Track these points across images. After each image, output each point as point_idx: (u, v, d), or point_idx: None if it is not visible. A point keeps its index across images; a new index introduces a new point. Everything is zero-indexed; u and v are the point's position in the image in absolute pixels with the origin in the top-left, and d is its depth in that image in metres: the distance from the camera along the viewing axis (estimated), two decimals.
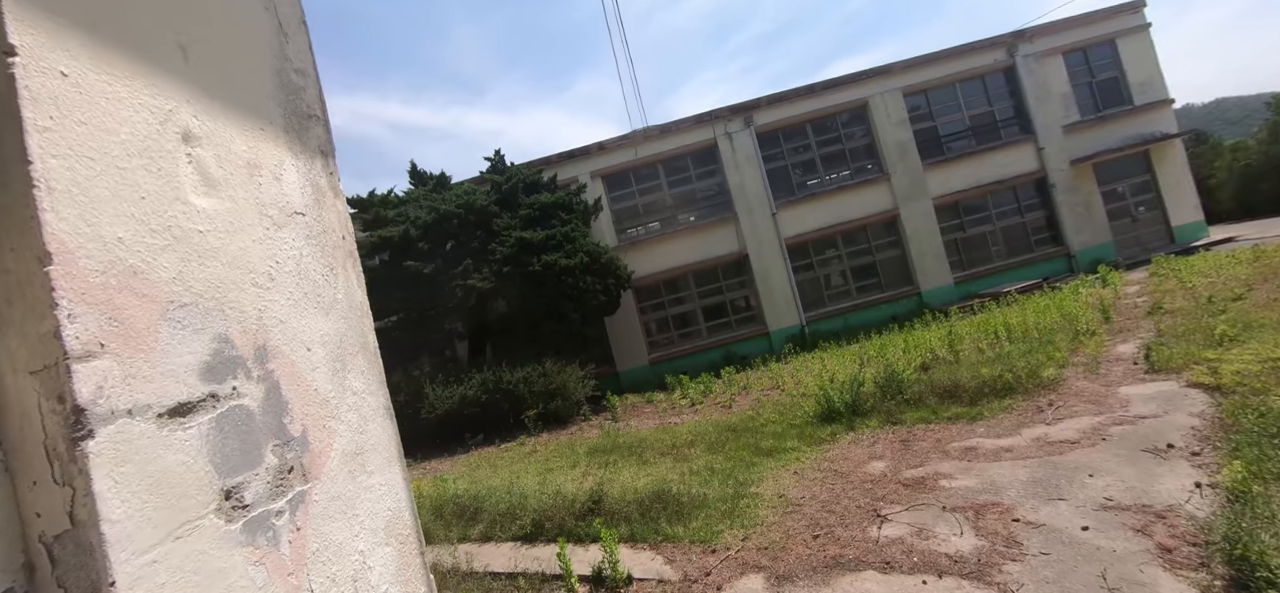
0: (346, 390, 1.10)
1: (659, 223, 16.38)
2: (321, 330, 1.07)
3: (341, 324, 1.13)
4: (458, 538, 5.84)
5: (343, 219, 1.26)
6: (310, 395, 1.02)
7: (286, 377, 0.97)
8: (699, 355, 15.53)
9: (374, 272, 12.65)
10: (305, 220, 1.11)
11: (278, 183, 1.05)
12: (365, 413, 1.15)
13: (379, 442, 1.18)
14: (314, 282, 1.08)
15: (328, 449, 1.02)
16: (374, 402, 1.19)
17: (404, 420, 11.12)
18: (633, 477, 6.77)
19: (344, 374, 1.11)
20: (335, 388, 1.07)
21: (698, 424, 9.09)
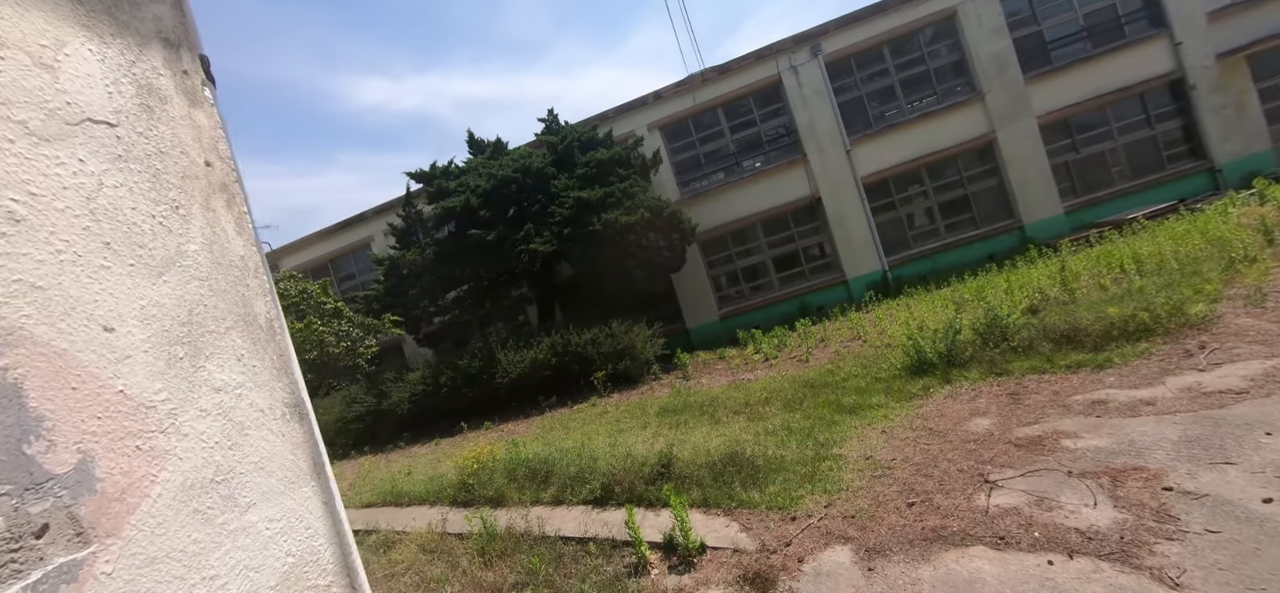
0: (199, 388, 0.77)
1: (722, 172, 15.58)
2: (146, 300, 0.73)
3: (193, 290, 0.79)
4: (530, 501, 5.86)
5: (207, 138, 0.88)
6: (104, 403, 0.66)
7: (42, 376, 0.61)
8: (772, 308, 14.85)
9: (442, 243, 12.98)
10: (115, 135, 0.75)
11: (47, 73, 0.69)
12: (240, 418, 0.81)
13: (268, 458, 0.84)
14: (130, 227, 0.74)
15: (142, 484, 0.68)
16: (259, 399, 0.86)
17: (480, 386, 11.50)
18: (704, 438, 6.50)
19: (195, 364, 0.77)
20: (173, 386, 0.74)
21: (772, 380, 8.63)
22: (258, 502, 0.81)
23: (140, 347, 0.72)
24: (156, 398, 0.72)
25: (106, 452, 0.66)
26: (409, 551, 5.56)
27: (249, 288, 0.89)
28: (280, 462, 0.86)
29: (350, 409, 12.43)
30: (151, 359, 0.73)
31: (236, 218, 0.90)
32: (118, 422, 0.68)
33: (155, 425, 0.71)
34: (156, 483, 0.70)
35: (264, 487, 0.82)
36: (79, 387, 0.64)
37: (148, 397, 0.72)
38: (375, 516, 6.93)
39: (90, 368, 0.66)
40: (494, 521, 5.30)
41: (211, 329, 0.81)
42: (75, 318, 0.65)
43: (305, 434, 0.93)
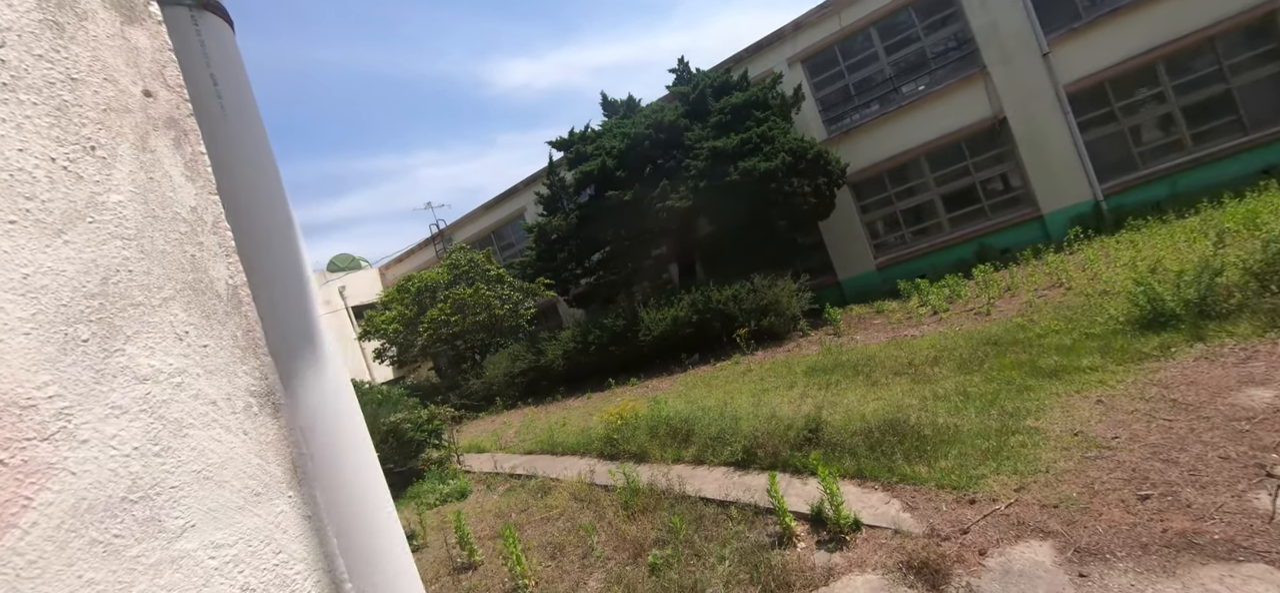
0: (111, 378, 0.59)
1: (877, 103, 13.73)
2: (32, 267, 0.57)
3: (111, 251, 0.62)
4: (671, 459, 5.86)
5: (148, 63, 0.70)
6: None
7: None
8: (941, 254, 12.96)
9: (583, 207, 13.46)
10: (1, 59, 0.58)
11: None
12: (176, 415, 0.63)
13: (219, 464, 0.65)
14: (13, 174, 0.58)
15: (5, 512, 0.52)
16: (209, 388, 0.66)
17: (625, 344, 11.87)
18: (859, 400, 5.89)
19: (108, 347, 0.60)
20: (69, 377, 0.57)
21: (943, 336, 7.52)
22: (199, 523, 0.62)
23: (17, 328, 0.55)
24: (39, 394, 0.55)
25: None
26: (562, 497, 5.93)
27: (203, 247, 0.70)
28: (239, 468, 0.67)
29: (515, 365, 13.74)
30: (35, 344, 0.56)
31: (187, 160, 0.71)
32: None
33: (34, 431, 0.54)
34: (30, 508, 0.53)
35: (210, 502, 0.64)
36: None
37: (24, 393, 0.54)
38: (534, 462, 7.55)
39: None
40: (636, 476, 5.39)
41: (138, 301, 0.64)
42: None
43: (279, 431, 0.73)
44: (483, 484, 7.44)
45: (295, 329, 0.81)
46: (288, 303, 0.82)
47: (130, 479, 0.59)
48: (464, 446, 9.49)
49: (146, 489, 0.59)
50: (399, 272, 22.86)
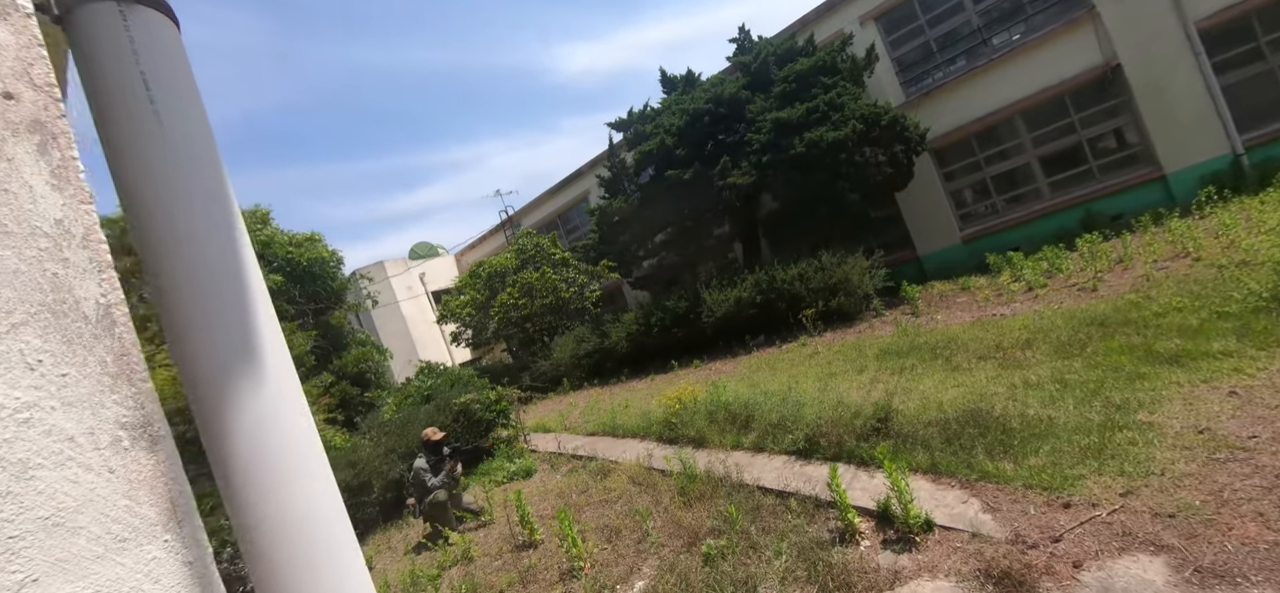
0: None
1: (963, 58, 12.47)
2: None
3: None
4: (730, 445, 5.70)
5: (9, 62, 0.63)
6: None
7: None
8: (1038, 223, 11.67)
9: (644, 188, 13.32)
10: None
11: None
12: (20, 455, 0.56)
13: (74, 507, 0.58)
14: None
15: None
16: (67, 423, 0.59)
17: (687, 326, 11.71)
18: (936, 387, 5.43)
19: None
20: None
21: (1038, 316, 6.79)
22: (42, 576, 0.55)
23: None
24: None
25: None
26: (621, 480, 5.94)
27: (67, 265, 0.63)
28: (99, 512, 0.60)
29: (580, 347, 13.98)
30: None
31: (54, 168, 0.64)
32: None
33: None
34: None
35: (58, 552, 0.56)
36: None
37: None
38: (595, 444, 7.63)
39: None
40: (693, 462, 5.28)
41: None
42: None
43: (156, 466, 0.65)
44: (547, 464, 7.63)
45: (232, 343, 0.76)
46: (224, 314, 0.77)
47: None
48: (531, 425, 9.79)
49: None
50: (472, 257, 23.90)
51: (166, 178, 0.76)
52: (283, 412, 0.79)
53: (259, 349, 0.78)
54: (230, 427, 0.74)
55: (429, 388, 11.31)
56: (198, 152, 0.79)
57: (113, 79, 0.73)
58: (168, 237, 0.74)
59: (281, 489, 0.75)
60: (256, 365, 0.77)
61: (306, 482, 0.79)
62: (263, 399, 0.77)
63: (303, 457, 0.79)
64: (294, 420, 0.80)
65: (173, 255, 0.74)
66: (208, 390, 0.72)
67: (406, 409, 10.09)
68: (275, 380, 0.79)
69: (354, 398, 13.83)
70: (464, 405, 8.86)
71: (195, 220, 0.77)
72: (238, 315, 0.77)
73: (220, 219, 0.79)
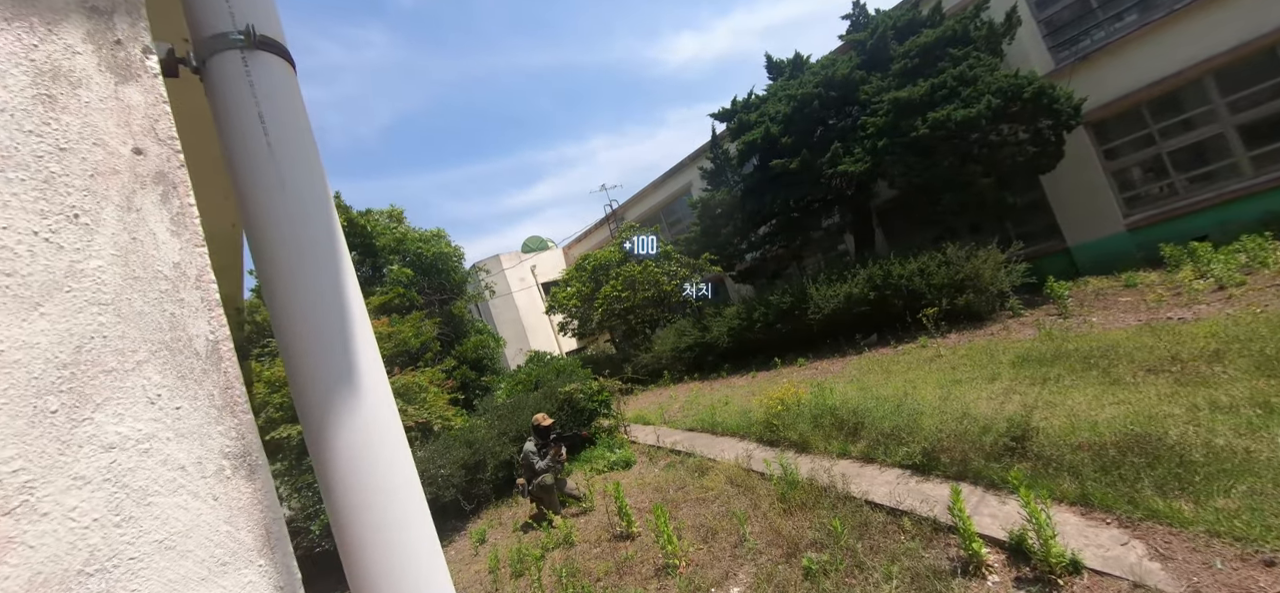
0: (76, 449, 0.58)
1: (1135, 11, 10.52)
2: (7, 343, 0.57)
3: (86, 319, 0.61)
4: (836, 452, 5.38)
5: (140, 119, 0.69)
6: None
7: None
8: (1235, 206, 9.57)
9: (747, 178, 12.92)
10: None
11: None
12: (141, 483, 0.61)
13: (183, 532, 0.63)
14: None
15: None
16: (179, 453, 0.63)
17: (792, 321, 11.23)
18: (1089, 404, 4.69)
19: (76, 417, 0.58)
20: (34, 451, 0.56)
21: (1233, 321, 5.61)
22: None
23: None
24: (4, 469, 0.55)
25: None
26: (718, 480, 5.84)
27: (183, 305, 0.68)
28: (204, 536, 0.64)
29: (681, 340, 13.97)
30: (3, 419, 0.56)
31: (174, 215, 0.70)
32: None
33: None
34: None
35: (170, 574, 0.61)
36: None
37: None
38: (694, 440, 7.59)
39: None
40: (795, 467, 5.05)
41: (111, 367, 0.62)
42: None
43: (254, 495, 0.69)
44: (645, 456, 7.73)
45: (334, 368, 0.82)
46: (327, 340, 0.83)
47: (88, 552, 0.57)
48: (631, 417, 9.98)
49: (104, 562, 0.58)
50: (579, 250, 24.87)
51: (279, 210, 0.83)
52: (380, 430, 0.84)
53: (360, 373, 0.84)
54: (333, 444, 0.80)
55: (537, 376, 11.97)
56: (305, 182, 0.86)
57: (236, 120, 0.82)
58: (284, 267, 0.82)
59: (377, 500, 0.80)
60: (357, 388, 0.82)
61: (400, 493, 0.84)
62: (362, 418, 0.82)
63: (396, 470, 0.84)
64: (390, 437, 0.85)
65: (288, 285, 0.82)
66: (316, 412, 0.79)
67: (517, 395, 10.76)
68: (373, 403, 0.84)
69: (472, 382, 15.03)
70: (568, 394, 9.25)
71: (304, 250, 0.84)
72: (342, 342, 0.84)
73: (327, 247, 0.86)
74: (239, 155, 0.83)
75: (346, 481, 0.79)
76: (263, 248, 0.82)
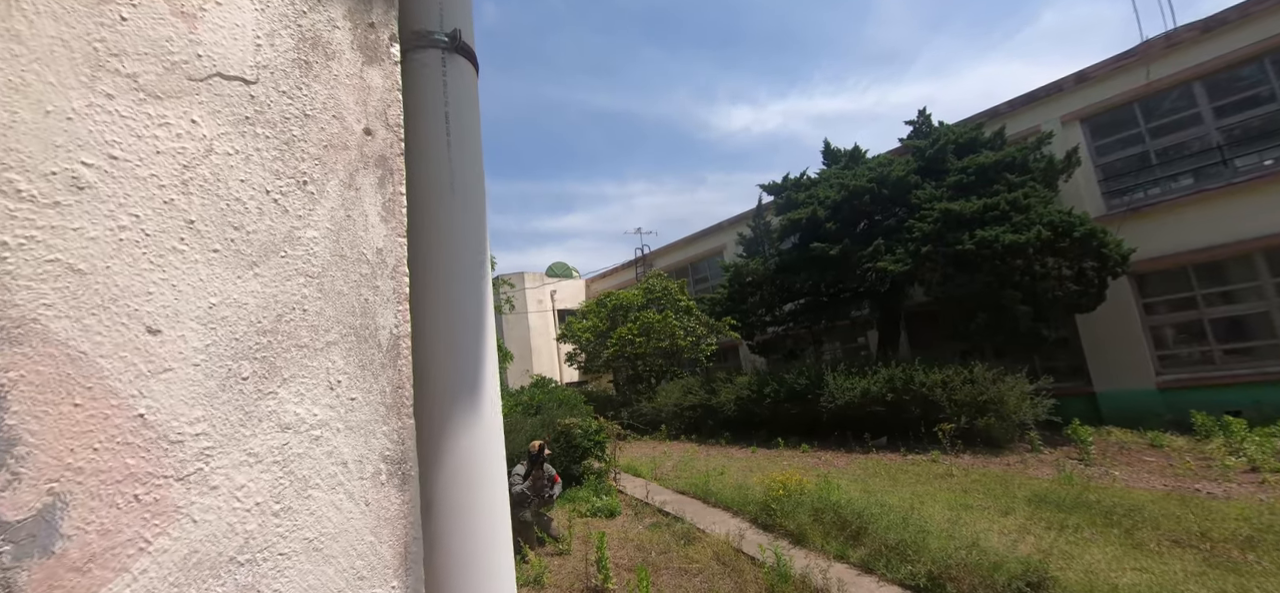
0: (257, 422, 0.55)
1: (1191, 176, 10.51)
2: (220, 297, 0.55)
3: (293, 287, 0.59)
4: (834, 553, 5.15)
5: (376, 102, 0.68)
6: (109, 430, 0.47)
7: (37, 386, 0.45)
8: (1269, 388, 9.25)
9: (785, 254, 12.96)
10: (248, 93, 0.59)
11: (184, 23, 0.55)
12: (304, 472, 0.57)
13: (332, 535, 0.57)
14: (230, 203, 0.56)
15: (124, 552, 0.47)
16: (345, 447, 0.60)
17: (803, 405, 11.01)
18: (1108, 564, 4.44)
19: (263, 388, 0.56)
20: (219, 416, 0.53)
21: (1267, 508, 5.33)
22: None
23: (190, 358, 0.53)
24: (188, 431, 0.52)
25: (88, 498, 0.46)
26: (705, 553, 5.62)
27: (377, 292, 0.66)
28: (350, 543, 0.60)
29: (686, 398, 13.77)
30: (200, 376, 0.53)
31: (386, 201, 0.69)
32: (119, 458, 0.48)
33: (173, 469, 0.50)
34: (147, 553, 0.48)
35: (312, 579, 0.56)
36: (83, 404, 0.47)
37: (176, 428, 0.51)
38: (684, 504, 7.36)
39: (109, 380, 0.48)
40: (789, 560, 4.83)
41: (303, 342, 0.60)
42: (112, 313, 0.49)
43: (402, 506, 0.64)
44: (631, 510, 7.50)
45: (465, 376, 0.80)
46: (464, 347, 0.81)
47: (244, 538, 0.53)
48: (623, 464, 9.76)
49: (256, 552, 0.54)
50: (601, 286, 24.99)
51: (447, 209, 0.84)
52: (491, 444, 0.82)
53: (485, 384, 0.82)
54: (451, 451, 0.77)
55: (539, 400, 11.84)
56: (472, 188, 0.87)
57: (425, 116, 0.84)
58: (439, 266, 0.81)
59: (474, 515, 0.77)
60: (480, 400, 0.80)
61: (495, 509, 0.80)
62: (479, 432, 0.80)
63: (495, 487, 0.81)
64: (497, 452, 0.83)
65: (440, 284, 0.81)
66: (437, 419, 0.76)
67: (515, 416, 10.63)
68: (491, 414, 0.82)
69: None
70: (566, 427, 9.10)
71: (460, 253, 0.84)
72: (476, 351, 0.82)
73: (478, 254, 0.86)
74: (420, 150, 0.84)
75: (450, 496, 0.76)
76: (420, 242, 0.82)
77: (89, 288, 0.49)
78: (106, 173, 0.50)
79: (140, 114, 0.53)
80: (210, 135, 0.57)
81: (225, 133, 0.58)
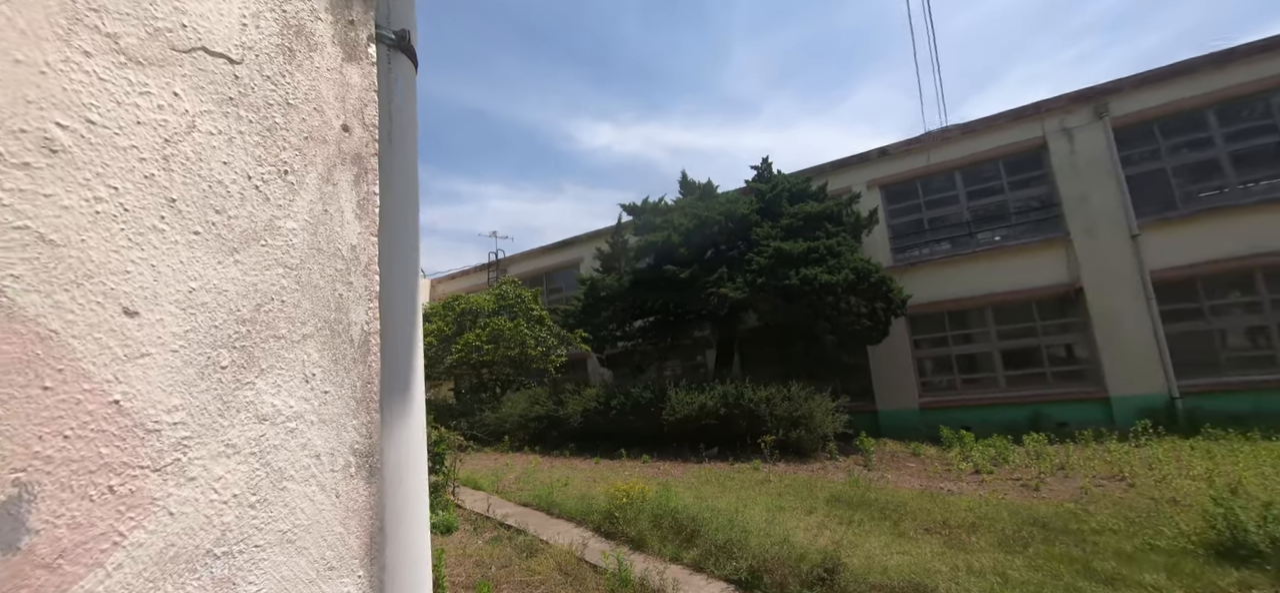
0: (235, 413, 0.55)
1: (949, 243, 13.52)
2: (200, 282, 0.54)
3: (272, 278, 0.59)
4: (670, 556, 5.52)
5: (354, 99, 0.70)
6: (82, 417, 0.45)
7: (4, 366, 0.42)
8: (991, 410, 12.23)
9: (639, 273, 13.60)
10: (233, 73, 0.59)
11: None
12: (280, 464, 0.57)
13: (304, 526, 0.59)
14: (212, 184, 0.56)
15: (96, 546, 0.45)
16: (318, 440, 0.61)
17: (646, 418, 11.59)
18: (882, 549, 5.44)
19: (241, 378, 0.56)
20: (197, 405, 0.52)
21: (985, 503, 6.95)
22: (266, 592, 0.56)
23: (169, 342, 0.51)
24: (166, 419, 0.50)
25: (58, 490, 0.44)
26: (548, 565, 5.63)
27: (351, 287, 0.68)
28: (320, 535, 0.60)
29: (532, 408, 13.61)
30: (179, 363, 0.51)
31: (361, 199, 0.70)
32: (92, 447, 0.46)
33: (149, 460, 0.49)
34: (121, 547, 0.47)
35: (285, 570, 0.57)
36: (54, 388, 0.44)
37: (153, 416, 0.50)
38: (527, 516, 7.29)
39: (82, 363, 0.46)
40: (630, 565, 5.08)
41: (281, 333, 0.60)
42: (86, 291, 0.46)
43: (368, 499, 0.66)
44: (470, 525, 7.21)
45: (401, 377, 0.79)
46: (400, 349, 0.80)
47: (221, 530, 0.53)
48: (462, 477, 9.32)
49: (232, 544, 0.53)
50: (449, 289, 23.56)
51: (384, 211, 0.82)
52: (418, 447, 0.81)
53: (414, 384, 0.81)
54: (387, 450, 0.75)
55: None
56: (409, 189, 0.85)
57: None
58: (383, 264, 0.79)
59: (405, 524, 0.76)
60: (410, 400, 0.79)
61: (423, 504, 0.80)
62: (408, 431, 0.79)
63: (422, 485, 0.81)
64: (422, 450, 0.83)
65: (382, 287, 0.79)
66: None
67: None
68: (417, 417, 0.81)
69: None
70: None
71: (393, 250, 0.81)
72: (407, 350, 0.80)
73: (410, 253, 0.84)
74: None
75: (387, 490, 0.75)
76: None
77: (62, 261, 0.45)
78: (83, 138, 0.47)
79: (120, 79, 0.50)
80: (193, 111, 0.56)
81: (208, 111, 0.57)
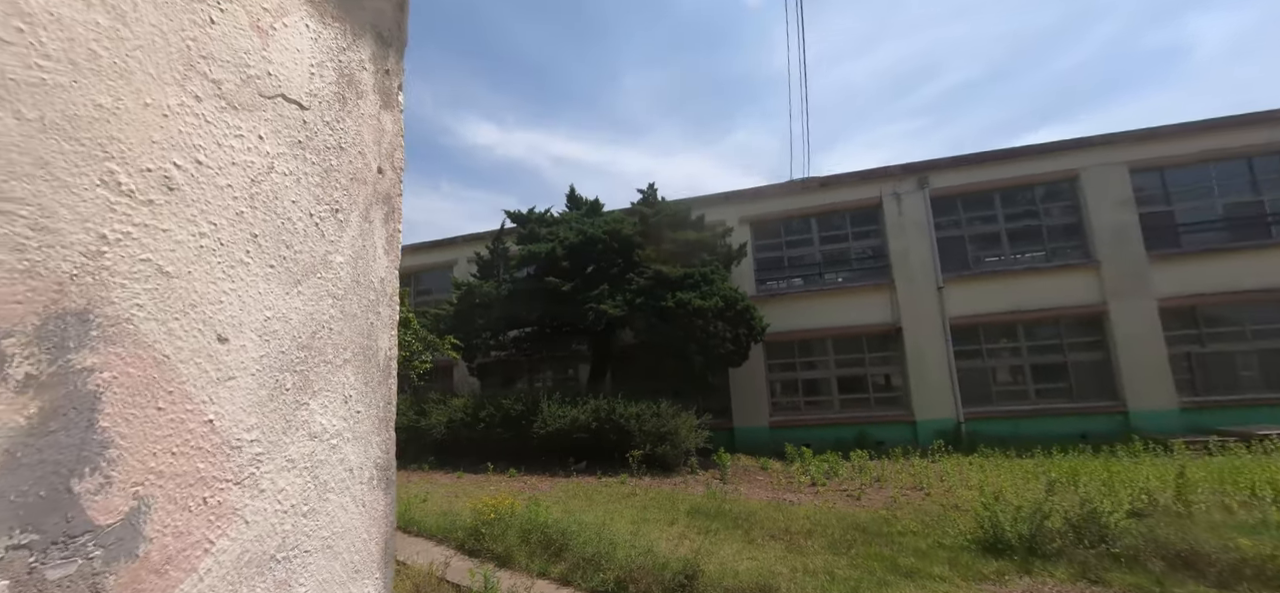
0: (294, 431, 0.60)
1: (802, 279, 15.31)
2: (273, 311, 0.59)
3: (325, 307, 0.66)
4: (537, 571, 5.54)
5: (387, 143, 0.78)
6: (185, 435, 0.50)
7: (128, 389, 0.46)
8: (827, 429, 14.00)
9: (518, 283, 13.39)
10: (302, 118, 0.65)
11: (259, 38, 0.60)
12: (325, 477, 0.64)
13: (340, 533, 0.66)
14: (284, 221, 0.62)
15: (193, 553, 0.50)
16: (352, 456, 0.68)
17: (516, 431, 11.39)
18: (735, 555, 5.98)
19: (300, 399, 0.62)
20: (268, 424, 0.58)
21: (818, 510, 7.94)
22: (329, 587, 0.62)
23: (249, 367, 0.57)
24: (246, 437, 0.56)
25: (166, 502, 0.49)
26: (405, 586, 5.33)
27: (379, 317, 0.75)
28: (351, 541, 0.67)
29: None
30: (256, 385, 0.57)
31: (388, 235, 0.77)
32: (192, 462, 0.51)
33: (232, 474, 0.54)
34: (211, 553, 0.52)
35: (324, 574, 0.63)
36: (166, 409, 0.49)
37: (237, 434, 0.55)
38: None
39: (186, 386, 0.50)
40: (496, 582, 5.01)
41: (329, 359, 0.66)
42: (191, 319, 0.51)
43: (386, 508, 0.73)
44: None
45: None
46: None
47: (281, 538, 0.58)
48: None
49: (289, 551, 0.58)
50: None
51: None
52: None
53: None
54: None
55: None
56: None
57: None
58: None
59: None
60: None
61: None
62: None
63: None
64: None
65: None
66: None
67: None
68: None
69: None
70: None
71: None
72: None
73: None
74: None
75: None
76: None
77: (174, 292, 0.50)
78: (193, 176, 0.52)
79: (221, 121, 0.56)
80: (272, 153, 0.62)
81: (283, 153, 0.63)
